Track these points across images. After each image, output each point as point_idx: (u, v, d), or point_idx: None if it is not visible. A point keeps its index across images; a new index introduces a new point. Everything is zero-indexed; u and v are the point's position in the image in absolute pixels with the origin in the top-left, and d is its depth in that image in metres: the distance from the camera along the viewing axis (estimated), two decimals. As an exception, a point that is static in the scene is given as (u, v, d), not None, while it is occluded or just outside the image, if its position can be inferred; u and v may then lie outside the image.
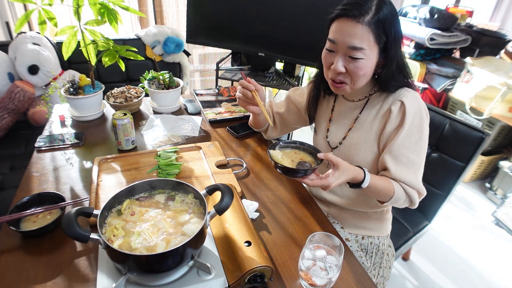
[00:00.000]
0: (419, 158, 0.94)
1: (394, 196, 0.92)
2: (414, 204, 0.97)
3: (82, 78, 1.45)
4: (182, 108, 1.60)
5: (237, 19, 1.95)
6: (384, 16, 0.84)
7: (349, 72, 0.89)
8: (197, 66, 3.02)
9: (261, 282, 0.72)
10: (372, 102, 1.00)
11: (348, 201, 1.09)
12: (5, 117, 1.94)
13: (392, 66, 0.90)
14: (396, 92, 0.95)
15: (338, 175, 0.85)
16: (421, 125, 0.92)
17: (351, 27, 0.84)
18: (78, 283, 0.75)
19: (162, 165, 1.10)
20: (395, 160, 0.93)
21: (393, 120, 0.93)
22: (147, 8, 2.64)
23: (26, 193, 0.99)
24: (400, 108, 0.92)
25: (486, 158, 2.47)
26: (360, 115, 1.01)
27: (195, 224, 0.74)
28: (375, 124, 0.98)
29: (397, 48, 0.89)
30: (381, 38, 0.85)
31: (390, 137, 0.94)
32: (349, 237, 1.12)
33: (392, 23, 0.85)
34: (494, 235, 2.15)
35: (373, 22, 0.83)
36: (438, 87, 2.61)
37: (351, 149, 1.01)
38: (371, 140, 0.98)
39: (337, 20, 0.87)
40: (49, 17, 1.25)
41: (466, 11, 2.81)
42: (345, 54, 0.88)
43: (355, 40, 0.84)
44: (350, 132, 1.03)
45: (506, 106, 2.29)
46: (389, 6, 0.85)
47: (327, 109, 1.11)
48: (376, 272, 1.13)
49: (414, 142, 0.92)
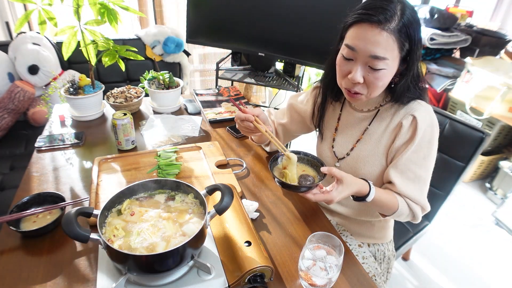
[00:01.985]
0: (427, 173, 0.91)
1: (398, 211, 0.90)
2: (417, 220, 0.95)
3: (82, 78, 1.45)
4: (182, 108, 1.60)
5: (237, 19, 1.95)
6: (408, 22, 0.77)
7: (367, 83, 0.83)
8: (197, 66, 3.02)
9: (261, 282, 0.72)
10: (383, 114, 0.95)
11: (352, 211, 1.08)
12: (5, 117, 1.94)
13: (410, 75, 0.85)
14: (409, 105, 0.90)
15: (341, 190, 0.83)
16: (431, 140, 0.89)
17: (375, 35, 0.76)
18: (78, 283, 0.75)
19: (162, 165, 1.10)
20: (401, 175, 0.90)
21: (403, 135, 0.90)
22: (147, 8, 2.63)
23: (26, 193, 0.99)
24: (412, 123, 0.88)
25: (486, 158, 2.47)
26: (369, 126, 0.96)
27: (195, 224, 0.74)
28: (384, 138, 0.94)
29: (418, 54, 0.83)
30: (404, 47, 0.79)
31: (398, 151, 0.91)
32: (362, 243, 1.11)
33: (416, 29, 0.79)
34: (494, 235, 2.15)
35: (397, 29, 0.76)
36: (438, 87, 2.61)
37: (359, 161, 0.98)
38: (379, 154, 0.95)
39: (357, 25, 0.79)
40: (49, 17, 1.25)
41: (466, 11, 2.81)
42: (365, 63, 0.81)
43: (378, 49, 0.77)
44: (358, 144, 0.98)
45: (506, 106, 2.29)
46: (411, 10, 0.79)
47: (333, 117, 1.06)
48: (385, 278, 1.13)
49: (423, 157, 0.89)
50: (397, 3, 0.78)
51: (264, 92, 3.26)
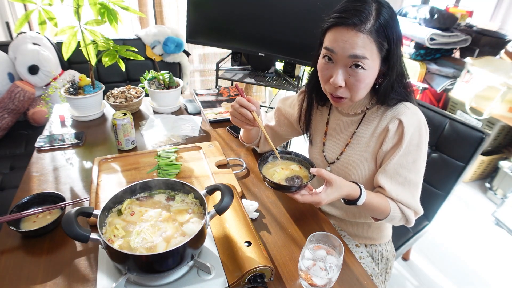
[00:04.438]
0: (417, 177, 0.90)
1: (390, 215, 0.89)
2: (410, 223, 0.94)
3: (82, 78, 1.45)
4: (182, 108, 1.60)
5: (237, 19, 1.95)
6: (385, 22, 0.77)
7: (349, 86, 0.83)
8: (197, 66, 3.02)
9: (261, 282, 0.72)
10: (370, 117, 0.94)
11: (347, 213, 1.08)
12: (5, 117, 1.94)
13: (393, 75, 0.85)
14: (395, 108, 0.89)
15: (330, 192, 0.82)
16: (419, 143, 0.88)
17: (352, 36, 0.77)
18: (78, 283, 0.75)
19: (162, 165, 1.10)
20: (390, 180, 0.89)
21: (390, 140, 0.89)
22: (147, 8, 2.63)
23: (26, 193, 0.99)
24: (398, 127, 0.87)
25: (486, 158, 2.47)
26: (356, 130, 0.96)
27: (195, 224, 0.74)
28: (372, 142, 0.93)
29: (399, 53, 0.83)
30: (383, 46, 0.79)
31: (386, 156, 0.90)
32: (359, 243, 1.11)
33: (394, 28, 0.79)
34: (494, 235, 2.15)
35: (374, 29, 0.76)
36: (438, 87, 2.60)
37: (348, 166, 0.97)
38: (368, 158, 0.94)
39: (334, 28, 0.80)
40: (49, 17, 1.25)
41: (466, 11, 2.80)
42: (346, 66, 0.81)
43: (357, 49, 0.77)
44: (347, 148, 0.98)
45: (506, 106, 2.29)
46: (388, 9, 0.79)
47: (322, 121, 1.06)
48: (383, 278, 1.13)
49: (412, 161, 0.88)
50: (372, 3, 0.78)
51: (264, 92, 3.27)
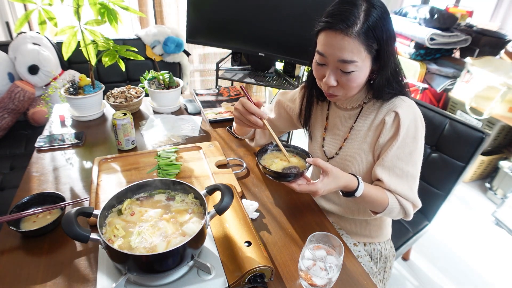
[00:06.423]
0: (414, 169, 0.91)
1: (388, 207, 0.90)
2: (409, 216, 0.94)
3: (82, 78, 1.45)
4: (182, 108, 1.60)
5: (237, 19, 1.95)
6: (373, 23, 0.77)
7: (341, 85, 0.85)
8: (197, 66, 3.02)
9: (261, 282, 0.72)
10: (367, 111, 0.96)
11: (346, 210, 1.08)
12: (5, 117, 1.94)
13: (387, 72, 0.86)
14: (391, 101, 0.91)
15: (327, 182, 0.83)
16: (416, 135, 0.89)
17: (339, 41, 0.78)
18: (78, 283, 0.75)
19: (162, 165, 1.10)
20: (388, 172, 0.90)
21: (387, 132, 0.90)
22: (147, 8, 2.63)
23: (26, 193, 0.99)
24: (395, 119, 0.89)
25: (486, 158, 2.47)
26: (354, 124, 0.98)
27: (195, 224, 0.74)
28: (369, 135, 0.95)
29: (391, 51, 0.84)
30: (372, 48, 0.80)
31: (384, 148, 0.92)
32: (357, 242, 1.12)
33: (383, 28, 0.79)
34: (494, 235, 2.15)
35: (362, 32, 0.77)
36: (438, 87, 2.61)
37: (347, 160, 0.99)
38: (366, 151, 0.96)
39: (324, 32, 0.82)
40: (49, 17, 1.25)
41: (466, 11, 2.81)
42: (336, 68, 0.83)
43: (345, 53, 0.79)
44: (346, 142, 1.00)
45: (506, 106, 2.29)
46: (379, 9, 0.79)
47: (322, 116, 1.07)
48: (382, 277, 1.13)
49: (409, 153, 0.89)
50: (362, 5, 0.78)
51: (264, 92, 3.26)
